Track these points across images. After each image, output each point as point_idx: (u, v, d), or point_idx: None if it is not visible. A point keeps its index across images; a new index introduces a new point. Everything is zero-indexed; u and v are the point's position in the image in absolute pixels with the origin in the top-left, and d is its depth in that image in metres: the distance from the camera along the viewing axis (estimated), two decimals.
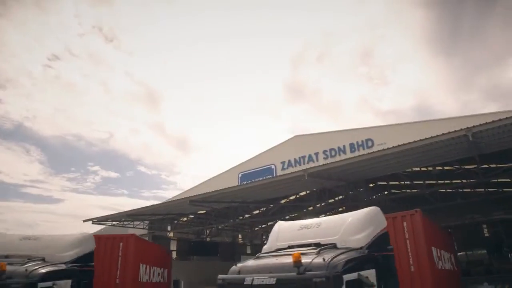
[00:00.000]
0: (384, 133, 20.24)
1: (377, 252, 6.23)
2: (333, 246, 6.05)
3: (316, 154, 22.56)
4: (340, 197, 22.42)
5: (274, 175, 24.10)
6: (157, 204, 22.15)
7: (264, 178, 20.02)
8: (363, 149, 20.54)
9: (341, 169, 15.46)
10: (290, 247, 6.63)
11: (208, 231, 29.72)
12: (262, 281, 5.25)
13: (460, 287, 13.28)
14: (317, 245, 6.26)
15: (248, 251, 38.87)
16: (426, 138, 12.29)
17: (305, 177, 14.88)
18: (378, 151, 14.21)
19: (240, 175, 26.40)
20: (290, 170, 23.28)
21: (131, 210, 24.96)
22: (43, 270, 7.06)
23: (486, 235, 31.89)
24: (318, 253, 5.51)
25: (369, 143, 20.48)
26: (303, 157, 23.18)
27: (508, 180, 22.18)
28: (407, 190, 21.86)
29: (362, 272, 5.33)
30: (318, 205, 23.09)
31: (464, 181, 20.50)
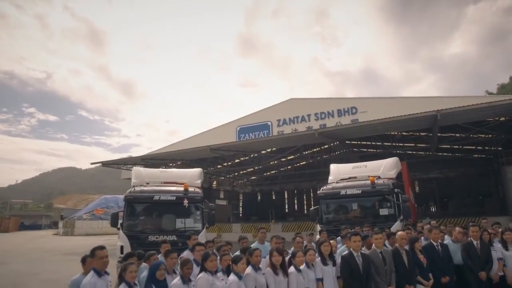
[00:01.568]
0: (366, 103, 25.61)
1: (400, 182, 11.52)
2: (379, 177, 11.11)
3: (309, 115, 27.45)
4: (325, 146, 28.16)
5: (270, 131, 28.93)
6: (175, 151, 26.21)
7: (280, 134, 25.19)
8: (348, 114, 25.85)
9: (341, 131, 20.73)
10: (350, 178, 11.65)
11: None
12: (352, 192, 10.28)
13: None
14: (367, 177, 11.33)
15: (221, 196, 43.79)
16: (409, 114, 17.63)
17: (315, 135, 19.95)
18: (370, 120, 19.50)
19: (238, 129, 30.65)
20: (285, 127, 28.31)
21: (145, 155, 28.79)
22: None
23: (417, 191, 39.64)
24: (377, 178, 10.58)
25: (353, 110, 25.75)
26: (297, 117, 27.98)
27: (448, 146, 28.70)
28: (372, 150, 28.02)
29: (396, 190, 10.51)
30: (305, 152, 28.33)
31: (419, 145, 26.68)
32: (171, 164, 29.29)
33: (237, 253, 4.98)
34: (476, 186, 34.76)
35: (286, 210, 46.11)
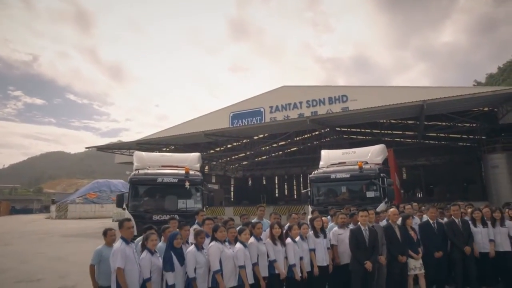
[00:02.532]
0: (356, 91, 26.34)
1: (386, 167, 12.34)
2: (366, 162, 11.91)
3: (300, 103, 28.09)
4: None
5: (263, 117, 29.58)
6: (170, 136, 26.76)
7: (272, 120, 25.86)
8: (339, 102, 26.57)
9: (332, 118, 21.51)
10: (340, 163, 12.44)
11: None
12: (341, 176, 11.08)
13: None
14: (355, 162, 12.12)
15: (213, 180, 44.59)
16: (397, 104, 18.47)
17: (307, 122, 20.70)
18: (360, 109, 20.31)
19: (231, 115, 31.20)
20: (277, 114, 28.96)
21: (140, 139, 29.27)
22: None
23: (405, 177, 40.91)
24: (365, 163, 11.38)
25: (344, 98, 26.47)
26: (289, 104, 28.61)
27: (434, 134, 29.69)
28: (362, 137, 28.91)
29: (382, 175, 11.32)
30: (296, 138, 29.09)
31: (407, 133, 27.63)
32: (164, 149, 29.85)
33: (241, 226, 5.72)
34: (460, 173, 35.98)
35: (277, 195, 47.15)
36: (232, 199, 45.44)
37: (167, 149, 29.92)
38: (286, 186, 49.27)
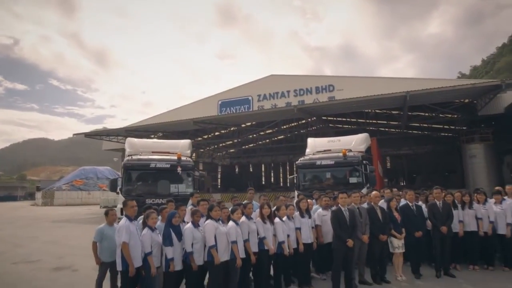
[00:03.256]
0: (343, 81, 26.92)
1: (368, 155, 12.96)
2: (350, 150, 12.49)
3: (288, 92, 28.57)
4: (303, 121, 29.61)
5: (251, 106, 29.98)
6: (159, 123, 26.97)
7: (260, 108, 26.28)
8: (326, 92, 27.14)
9: (319, 107, 22.07)
10: (325, 150, 13.01)
11: None
12: (326, 162, 11.65)
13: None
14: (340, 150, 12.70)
15: (201, 168, 44.98)
16: (382, 94, 19.08)
17: (294, 110, 21.21)
18: (346, 98, 20.91)
19: (219, 102, 31.50)
20: (265, 102, 29.39)
21: (129, 126, 29.38)
22: None
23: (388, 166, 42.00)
24: (349, 151, 11.97)
25: (331, 88, 27.03)
26: (277, 93, 29.06)
27: (417, 124, 30.55)
28: (348, 126, 29.62)
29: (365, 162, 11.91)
30: (283, 127, 29.69)
31: (391, 122, 28.41)
32: (152, 136, 30.04)
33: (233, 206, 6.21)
34: (442, 163, 37.08)
35: (263, 182, 47.81)
36: (219, 186, 45.96)
37: (155, 136, 30.10)
38: (272, 174, 49.98)
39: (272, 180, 49.38)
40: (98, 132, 31.83)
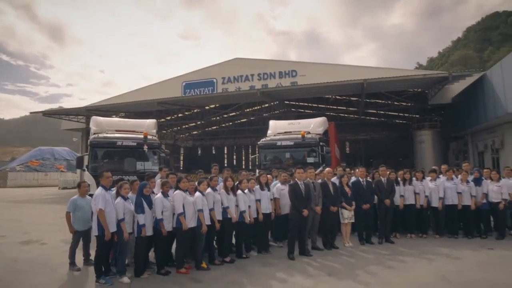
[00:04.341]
0: (305, 67, 27.74)
1: (326, 137, 13.85)
2: (309, 132, 13.31)
3: (252, 75, 29.03)
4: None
5: (215, 88, 30.24)
6: (122, 102, 26.68)
7: (224, 91, 26.74)
8: (289, 77, 27.87)
9: (282, 91, 22.81)
10: (286, 132, 13.76)
11: None
12: (286, 143, 12.41)
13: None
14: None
15: (163, 149, 44.81)
16: (341, 81, 20.07)
17: (257, 94, 21.82)
18: (308, 84, 21.77)
19: (183, 84, 31.42)
20: (229, 85, 29.73)
21: (90, 105, 28.84)
22: None
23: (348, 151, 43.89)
24: (307, 133, 12.78)
25: (294, 73, 27.78)
26: (241, 76, 29.42)
27: (374, 111, 32.12)
28: (309, 111, 30.72)
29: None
30: (247, 110, 30.32)
31: (350, 108, 29.75)
32: (114, 116, 29.67)
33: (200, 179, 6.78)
34: (397, 148, 39.12)
35: (225, 165, 48.41)
36: (181, 168, 46.11)
37: (117, 116, 29.75)
38: (235, 156, 50.65)
39: (235, 162, 50.10)
40: (57, 111, 31.02)
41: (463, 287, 5.23)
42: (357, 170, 8.99)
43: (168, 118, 33.45)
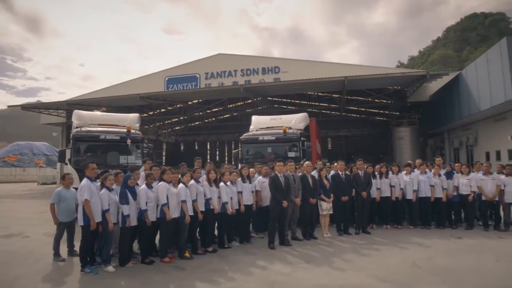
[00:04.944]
0: (288, 64, 28.04)
1: (307, 133, 14.16)
2: (290, 128, 13.58)
3: (235, 71, 29.16)
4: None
5: (198, 83, 30.26)
6: (104, 97, 26.44)
7: (206, 86, 26.76)
8: (272, 73, 28.12)
9: (265, 87, 23.07)
10: (268, 127, 14.01)
11: None
12: (268, 138, 12.66)
13: None
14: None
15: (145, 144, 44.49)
16: (323, 78, 20.45)
17: (240, 89, 22.03)
18: (290, 80, 22.07)
19: (166, 79, 31.28)
20: (213, 80, 29.82)
21: (71, 99, 28.44)
22: None
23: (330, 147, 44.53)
24: (289, 129, 13.06)
25: (276, 70, 28.06)
26: (224, 71, 29.52)
27: (356, 108, 32.77)
28: (292, 107, 31.12)
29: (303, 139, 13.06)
30: (230, 105, 30.47)
31: (332, 105, 30.18)
32: (95, 110, 29.31)
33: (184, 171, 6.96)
34: (377, 145, 39.90)
35: (208, 160, 48.34)
36: (163, 164, 45.87)
37: (98, 111, 29.41)
38: (217, 152, 50.71)
39: (218, 158, 50.16)
40: (36, 105, 30.44)
41: (431, 271, 5.58)
42: (335, 164, 9.29)
43: (151, 113, 33.36)
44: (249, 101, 31.51)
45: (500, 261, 6.09)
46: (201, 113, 32.92)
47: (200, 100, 29.15)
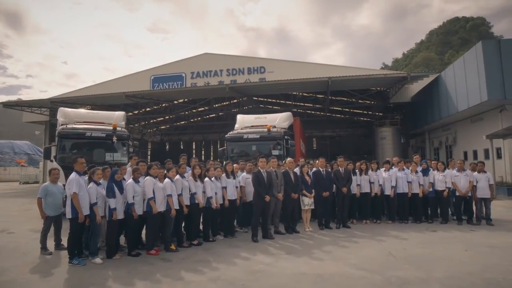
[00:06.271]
0: (273, 64, 28.34)
1: (291, 132, 14.46)
2: (274, 127, 13.86)
3: (221, 71, 29.31)
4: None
5: (184, 82, 30.31)
6: (88, 95, 26.22)
7: (193, 85, 26.85)
8: (257, 73, 28.39)
9: (250, 87, 23.32)
10: (253, 126, 14.27)
11: None
12: (252, 136, 12.92)
13: None
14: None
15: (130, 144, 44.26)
16: (307, 78, 20.82)
17: (226, 89, 22.23)
18: (276, 80, 22.39)
19: (152, 78, 31.23)
20: (198, 80, 29.90)
21: (55, 97, 28.14)
22: None
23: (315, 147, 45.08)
24: (273, 127, 13.34)
25: (262, 70, 28.33)
26: (210, 71, 29.64)
27: (340, 108, 33.26)
28: (277, 107, 31.45)
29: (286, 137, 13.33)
30: (216, 105, 30.67)
31: (317, 105, 30.65)
32: (79, 108, 29.07)
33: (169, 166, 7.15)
34: (361, 145, 40.55)
35: (193, 156, 48.32)
36: (149, 163, 45.62)
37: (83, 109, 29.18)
38: (203, 152, 50.73)
39: (203, 158, 50.17)
40: (18, 102, 30.03)
41: (404, 259, 5.91)
42: (317, 161, 9.61)
43: (136, 112, 33.15)
44: (235, 100, 31.69)
45: (469, 251, 6.48)
46: (186, 112, 32.92)
47: (185, 100, 29.18)
